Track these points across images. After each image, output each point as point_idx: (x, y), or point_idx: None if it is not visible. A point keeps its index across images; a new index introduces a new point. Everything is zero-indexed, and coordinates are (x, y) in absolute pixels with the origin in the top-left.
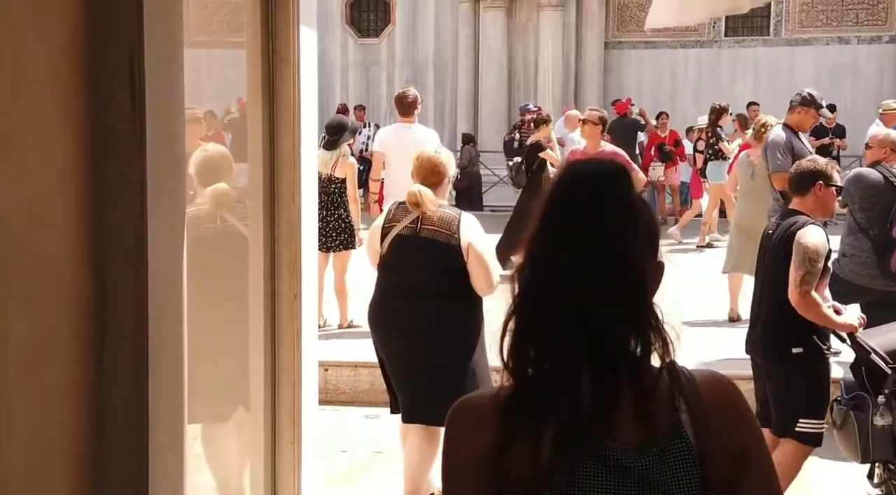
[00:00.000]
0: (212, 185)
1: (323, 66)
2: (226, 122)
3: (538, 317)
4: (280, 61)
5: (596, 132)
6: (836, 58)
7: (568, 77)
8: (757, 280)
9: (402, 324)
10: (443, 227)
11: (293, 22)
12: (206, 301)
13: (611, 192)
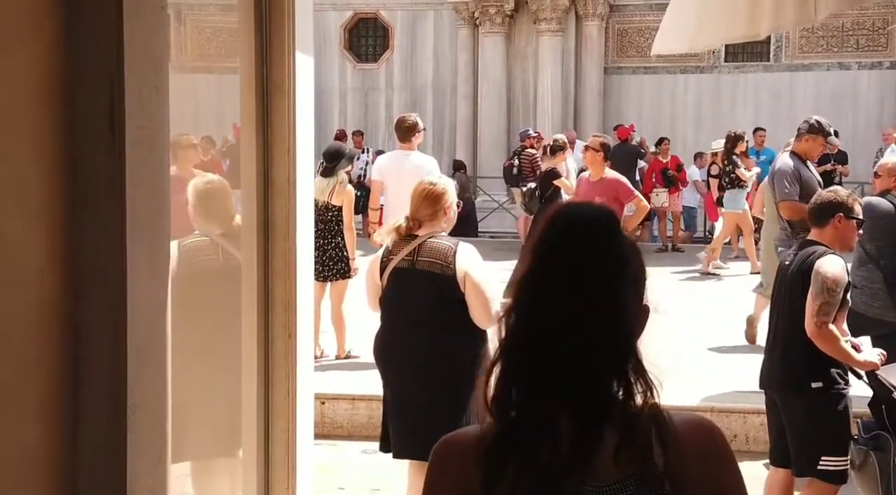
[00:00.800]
0: (210, 216)
1: (321, 92)
2: (224, 149)
3: (523, 361)
4: (275, 89)
5: (598, 159)
6: (836, 83)
7: (567, 102)
8: (773, 312)
9: (401, 358)
10: (438, 258)
11: (288, 48)
12: (198, 335)
13: (598, 240)
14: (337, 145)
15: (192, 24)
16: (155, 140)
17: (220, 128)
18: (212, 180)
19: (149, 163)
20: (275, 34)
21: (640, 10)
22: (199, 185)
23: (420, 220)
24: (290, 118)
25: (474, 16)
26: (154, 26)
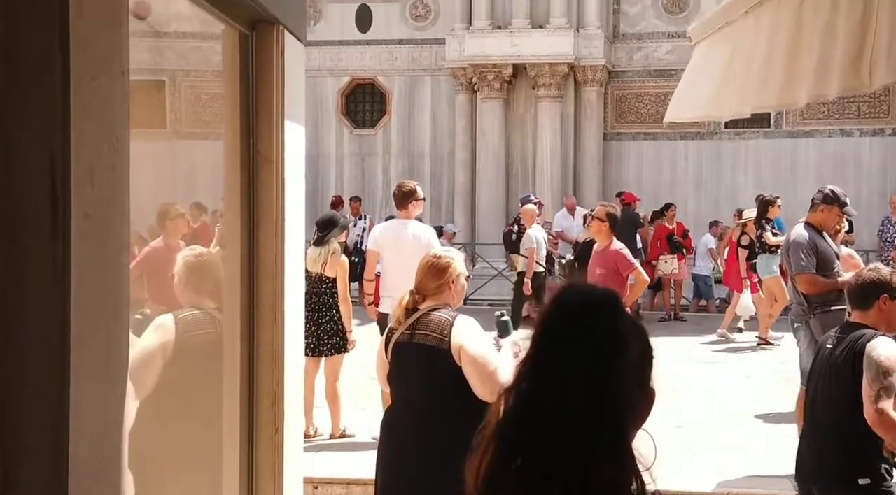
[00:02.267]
0: (202, 290)
1: (317, 157)
2: (215, 222)
3: (515, 442)
4: (262, 161)
5: (604, 229)
6: (838, 150)
7: (567, 168)
8: (812, 399)
9: (398, 436)
10: (434, 331)
11: (277, 117)
12: (176, 427)
13: (594, 326)
14: (330, 214)
15: (187, 90)
16: (110, 226)
17: (216, 197)
18: (202, 253)
19: (101, 254)
20: (262, 102)
21: (638, 77)
22: (190, 259)
23: (424, 294)
24: (278, 192)
25: (472, 82)
26: (111, 94)
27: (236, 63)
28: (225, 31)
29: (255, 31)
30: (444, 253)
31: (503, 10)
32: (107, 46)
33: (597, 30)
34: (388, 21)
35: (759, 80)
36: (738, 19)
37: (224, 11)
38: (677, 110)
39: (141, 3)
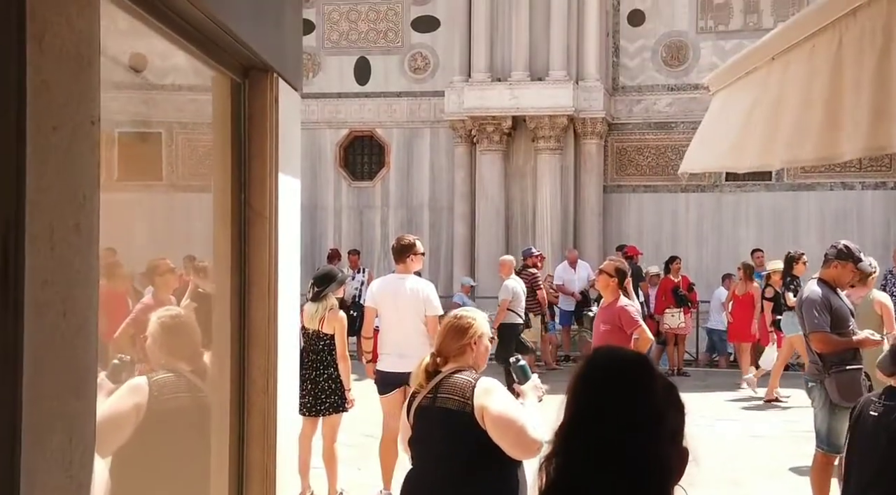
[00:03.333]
0: (177, 352)
1: (315, 210)
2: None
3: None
4: (254, 216)
5: (611, 284)
6: (840, 204)
7: (567, 221)
8: (854, 466)
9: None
10: (456, 394)
11: (270, 169)
12: None
13: (634, 397)
14: (327, 268)
15: (184, 143)
16: (73, 293)
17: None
18: (177, 313)
19: (62, 326)
20: (255, 153)
21: (638, 129)
22: (164, 319)
23: (446, 356)
24: (271, 249)
25: (471, 134)
26: (76, 145)
27: (227, 112)
28: (215, 78)
29: (247, 79)
30: (465, 313)
31: (502, 62)
32: (72, 90)
33: (596, 82)
34: (386, 73)
35: (792, 131)
36: (763, 66)
37: (214, 58)
38: (693, 161)
39: (137, 56)
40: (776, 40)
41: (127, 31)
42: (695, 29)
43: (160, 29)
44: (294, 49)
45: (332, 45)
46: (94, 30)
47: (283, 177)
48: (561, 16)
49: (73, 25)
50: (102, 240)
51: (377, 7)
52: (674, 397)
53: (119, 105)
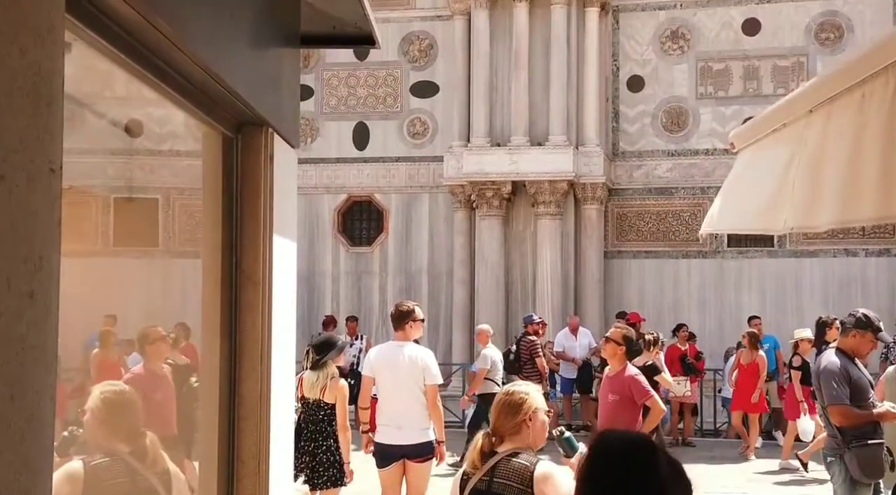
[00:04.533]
0: (116, 431)
1: (313, 276)
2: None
3: None
4: (246, 282)
5: (619, 353)
6: (843, 270)
7: (567, 287)
8: None
9: None
10: (514, 480)
11: (264, 231)
12: None
13: (640, 481)
14: (326, 336)
15: (180, 208)
16: (25, 373)
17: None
18: (121, 389)
19: (5, 423)
20: (247, 213)
21: (639, 194)
22: (106, 393)
23: (501, 435)
24: (264, 316)
25: (471, 199)
26: (30, 198)
27: (218, 169)
28: (206, 133)
29: (240, 134)
30: (517, 388)
31: (502, 127)
32: (26, 133)
33: (596, 147)
34: (385, 138)
35: (841, 190)
36: (799, 120)
37: (204, 110)
38: (717, 221)
39: (133, 121)
40: (812, 92)
41: (108, 78)
42: (695, 95)
43: (145, 77)
44: (291, 104)
45: (330, 110)
46: (55, 65)
47: (278, 239)
48: (560, 81)
49: (28, 58)
50: (97, 306)
51: (376, 72)
52: (681, 478)
53: (108, 166)
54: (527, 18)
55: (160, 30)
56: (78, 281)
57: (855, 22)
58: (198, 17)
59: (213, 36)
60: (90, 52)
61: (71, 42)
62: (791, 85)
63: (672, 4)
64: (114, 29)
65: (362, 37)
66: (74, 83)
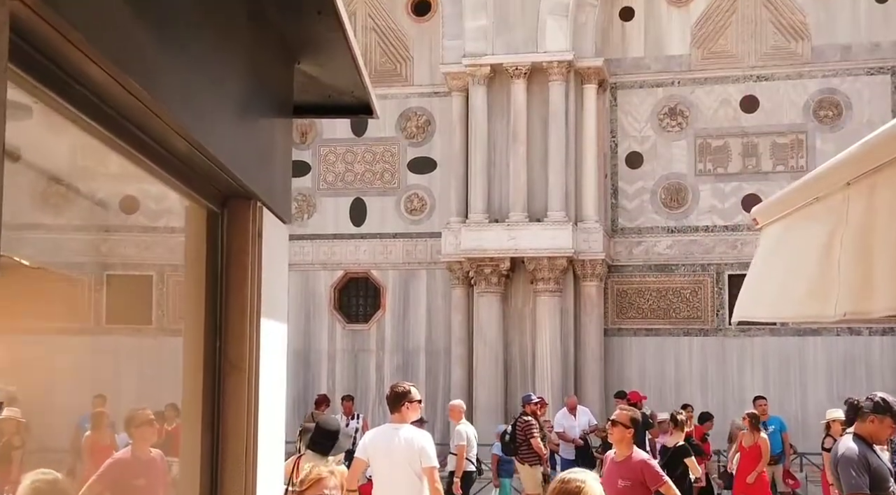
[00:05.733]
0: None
1: (308, 354)
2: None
3: None
4: (230, 369)
5: (626, 436)
6: (848, 349)
7: (567, 365)
8: None
9: None
10: None
11: (251, 314)
12: None
13: None
14: (331, 427)
15: (172, 286)
16: None
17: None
18: (54, 478)
19: None
20: (233, 295)
21: (639, 271)
22: (39, 483)
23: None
24: (250, 407)
25: (469, 275)
26: None
27: (202, 246)
28: (189, 208)
29: (226, 208)
30: (573, 475)
31: (500, 203)
32: None
33: (595, 223)
34: (382, 214)
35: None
36: (836, 193)
37: (186, 183)
38: (751, 308)
39: (128, 198)
40: (850, 163)
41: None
42: (694, 171)
43: (119, 146)
44: (282, 176)
45: (327, 186)
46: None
47: (267, 321)
48: (559, 157)
49: None
50: (88, 386)
51: (373, 148)
52: None
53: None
54: (525, 95)
55: (133, 93)
56: (63, 359)
57: (853, 100)
58: (176, 80)
59: (195, 101)
60: (54, 118)
61: (31, 105)
62: (790, 162)
63: (670, 82)
64: (78, 89)
65: (359, 106)
66: (34, 151)
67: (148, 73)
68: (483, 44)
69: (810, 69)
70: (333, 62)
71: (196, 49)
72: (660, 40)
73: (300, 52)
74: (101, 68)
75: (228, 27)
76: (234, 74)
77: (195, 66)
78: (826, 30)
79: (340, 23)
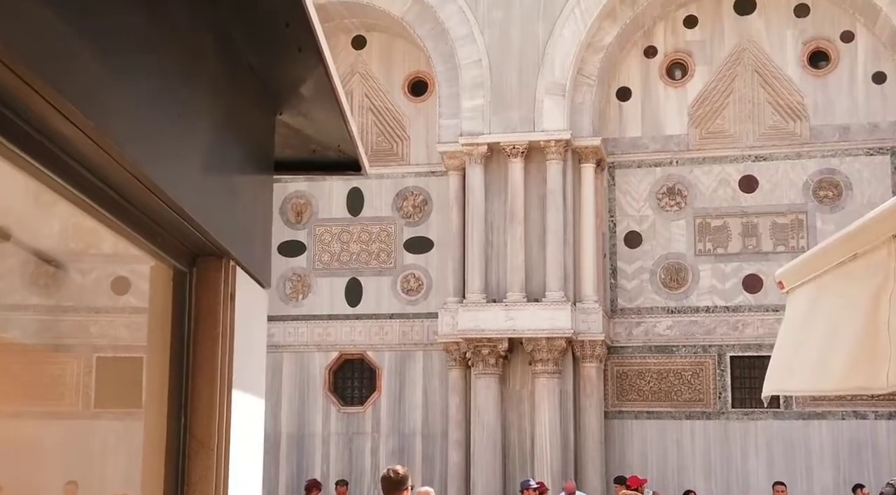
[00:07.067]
0: None
1: (302, 438)
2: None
3: None
4: (198, 448)
5: None
6: (853, 434)
7: (567, 449)
8: None
9: None
10: None
11: (221, 387)
12: None
13: None
14: None
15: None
16: None
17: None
18: None
19: None
20: (200, 365)
21: (639, 352)
22: None
23: None
24: (218, 490)
25: (466, 357)
26: None
27: (167, 310)
28: (154, 267)
29: (195, 267)
30: None
31: (497, 283)
32: None
33: (594, 304)
34: (378, 295)
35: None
36: (880, 248)
37: (149, 238)
38: (784, 379)
39: (120, 279)
40: (895, 214)
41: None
42: (693, 251)
43: (72, 195)
44: (261, 236)
45: (322, 266)
46: None
47: (239, 394)
48: (557, 236)
49: None
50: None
51: (369, 228)
52: None
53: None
54: (522, 174)
55: (87, 133)
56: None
57: (853, 180)
58: (135, 119)
59: (158, 145)
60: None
61: None
62: (791, 242)
63: (668, 161)
64: (20, 127)
65: (347, 162)
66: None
67: (103, 112)
68: (480, 123)
69: (809, 149)
70: (317, 111)
71: (158, 86)
72: (657, 120)
73: (281, 101)
74: (46, 100)
75: (199, 68)
76: (207, 122)
77: (159, 106)
78: (824, 110)
79: (323, 61)
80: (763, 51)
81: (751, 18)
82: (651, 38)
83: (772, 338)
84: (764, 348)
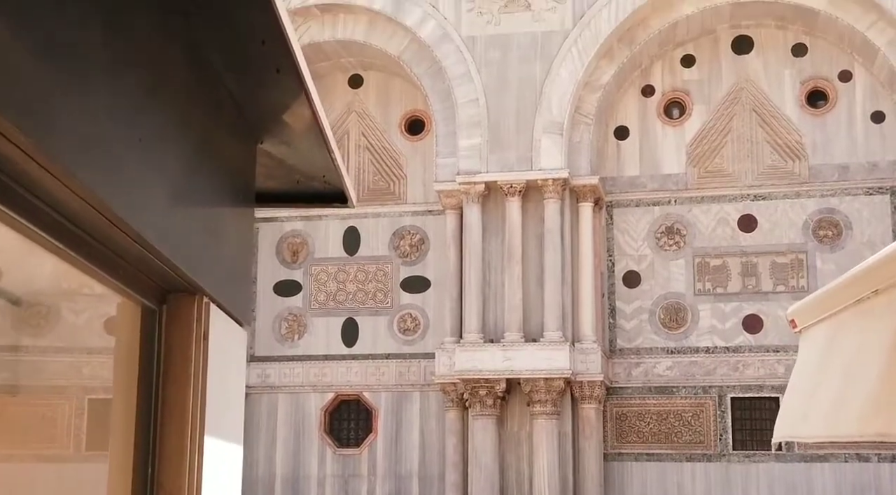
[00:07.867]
0: None
1: (297, 480)
2: None
3: None
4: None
5: None
6: (857, 477)
7: (566, 492)
8: None
9: None
10: None
11: (192, 434)
12: None
13: None
14: None
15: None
16: None
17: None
18: None
19: None
20: (169, 410)
21: (638, 393)
22: None
23: None
24: None
25: (463, 397)
26: None
27: (133, 350)
28: (120, 305)
29: (165, 305)
30: None
31: (495, 323)
32: None
33: (593, 344)
34: (374, 335)
35: None
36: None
37: (111, 273)
38: (797, 424)
39: (85, 317)
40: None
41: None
42: (692, 291)
43: (27, 230)
44: (241, 271)
45: (318, 306)
46: None
47: (213, 441)
48: (555, 276)
49: None
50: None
51: (366, 268)
52: None
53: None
54: (520, 213)
55: (28, 153)
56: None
57: (853, 219)
58: (90, 147)
59: (119, 175)
60: None
61: None
62: (791, 282)
63: (666, 200)
64: None
65: (333, 194)
66: None
67: (42, 123)
68: (477, 162)
69: (808, 189)
70: (299, 140)
71: (115, 105)
72: (655, 159)
73: (262, 129)
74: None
75: (166, 88)
76: (176, 149)
77: (118, 128)
78: (823, 149)
79: (303, 84)
80: (761, 90)
81: (748, 58)
82: (648, 78)
83: (773, 378)
84: (765, 389)
